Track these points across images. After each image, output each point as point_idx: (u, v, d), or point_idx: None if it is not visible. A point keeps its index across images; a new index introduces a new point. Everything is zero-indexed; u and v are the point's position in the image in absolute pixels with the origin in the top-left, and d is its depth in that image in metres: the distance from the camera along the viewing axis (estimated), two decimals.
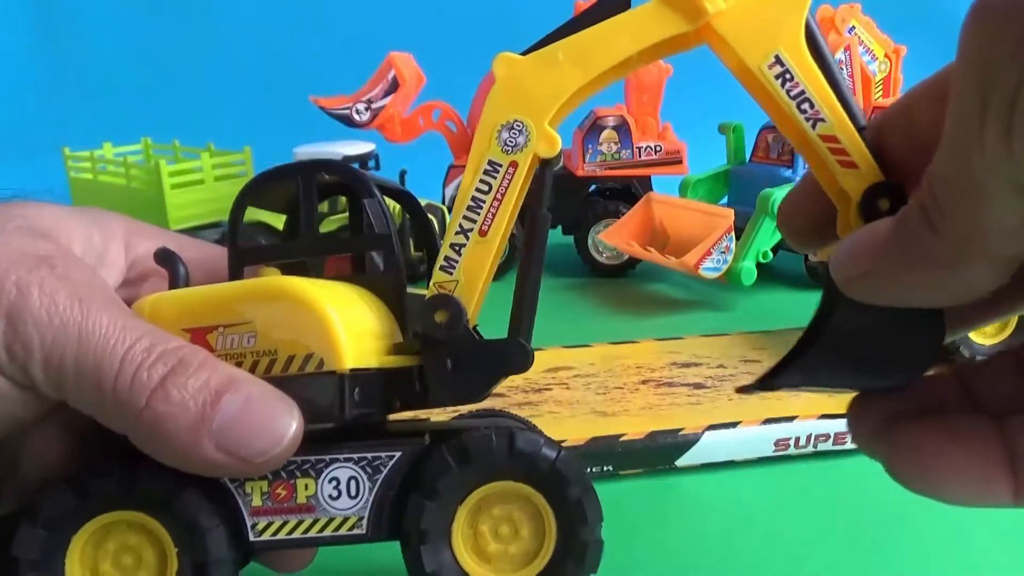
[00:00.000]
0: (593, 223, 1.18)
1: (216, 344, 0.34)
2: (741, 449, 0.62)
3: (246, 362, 0.34)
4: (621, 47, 0.33)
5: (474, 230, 0.35)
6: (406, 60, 1.13)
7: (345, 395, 0.33)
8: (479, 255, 0.35)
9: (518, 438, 0.35)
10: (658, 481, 0.60)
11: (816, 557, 0.51)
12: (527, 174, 0.35)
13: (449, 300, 0.35)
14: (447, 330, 0.35)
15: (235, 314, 0.34)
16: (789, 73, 0.31)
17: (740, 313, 1.02)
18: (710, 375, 0.72)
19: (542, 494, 0.36)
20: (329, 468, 0.35)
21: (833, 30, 1.13)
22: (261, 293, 0.34)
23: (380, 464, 0.35)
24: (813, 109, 0.30)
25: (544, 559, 0.36)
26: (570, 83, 0.33)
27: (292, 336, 0.34)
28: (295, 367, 0.34)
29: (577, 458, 0.36)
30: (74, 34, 1.82)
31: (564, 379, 0.72)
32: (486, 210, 0.35)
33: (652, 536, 0.54)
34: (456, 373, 0.36)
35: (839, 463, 0.63)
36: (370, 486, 0.35)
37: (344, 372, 0.33)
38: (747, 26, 0.31)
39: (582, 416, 0.64)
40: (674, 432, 0.61)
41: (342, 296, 0.36)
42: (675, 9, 0.32)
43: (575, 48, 0.33)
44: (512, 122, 0.34)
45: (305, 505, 0.35)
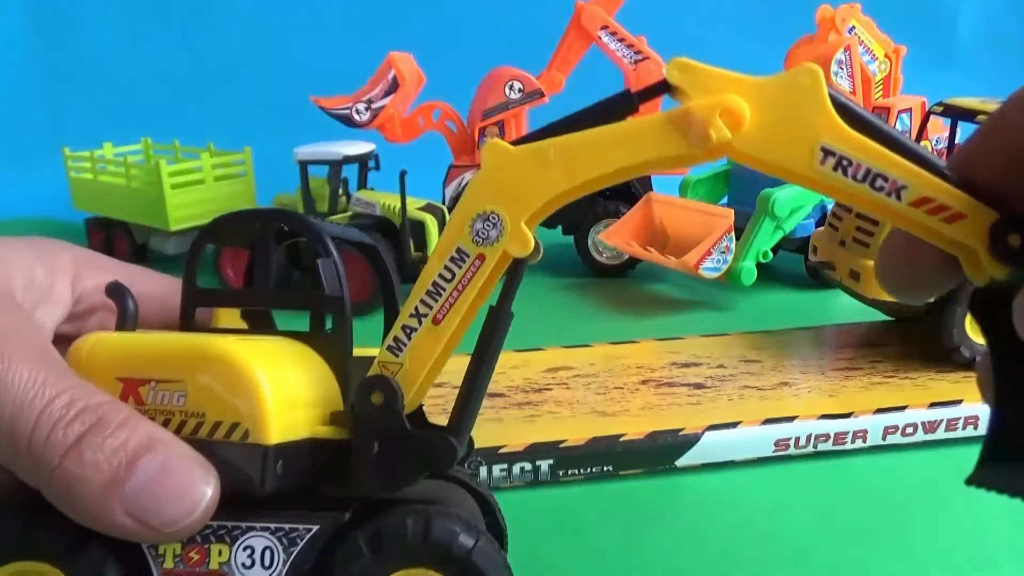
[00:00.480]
0: (593, 223, 1.18)
1: (147, 398, 0.33)
2: (741, 449, 0.62)
3: (174, 420, 0.33)
4: (615, 159, 0.31)
5: (429, 316, 0.34)
6: (406, 60, 1.13)
7: (267, 469, 0.33)
8: (428, 343, 0.34)
9: (434, 525, 0.34)
10: (658, 481, 0.60)
11: (816, 557, 0.51)
12: (493, 270, 0.33)
13: (387, 384, 0.34)
14: (380, 413, 0.34)
15: (169, 370, 0.33)
16: (845, 159, 0.28)
17: (740, 313, 1.01)
18: (710, 375, 0.72)
19: None
20: (245, 536, 0.34)
21: (833, 30, 1.14)
22: (197, 353, 0.33)
23: (297, 536, 0.34)
24: (889, 181, 0.28)
25: None
26: (555, 185, 0.31)
27: (221, 401, 0.33)
28: (220, 433, 0.33)
29: (496, 549, 0.35)
30: (74, 34, 1.82)
31: (564, 379, 0.72)
32: (444, 298, 0.34)
33: (652, 536, 0.54)
34: (380, 458, 0.34)
35: (839, 463, 0.63)
36: (284, 558, 0.34)
37: (268, 446, 0.33)
38: (775, 135, 0.29)
39: (582, 416, 0.64)
40: (674, 432, 0.61)
41: (280, 362, 0.35)
42: (677, 130, 0.29)
43: (567, 150, 0.31)
44: (488, 213, 0.32)
45: (217, 571, 0.34)
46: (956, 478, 0.62)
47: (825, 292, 1.06)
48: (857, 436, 0.64)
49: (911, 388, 0.69)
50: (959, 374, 0.72)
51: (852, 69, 1.11)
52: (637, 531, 0.54)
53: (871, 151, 0.28)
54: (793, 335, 0.83)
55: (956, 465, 0.62)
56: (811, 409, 0.65)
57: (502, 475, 0.58)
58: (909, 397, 0.67)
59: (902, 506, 0.57)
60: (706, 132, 0.29)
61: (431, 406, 0.66)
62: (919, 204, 0.28)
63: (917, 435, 0.65)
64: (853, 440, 0.64)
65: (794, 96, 0.28)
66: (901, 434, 0.64)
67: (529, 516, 0.56)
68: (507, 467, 0.58)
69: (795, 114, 0.28)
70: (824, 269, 0.82)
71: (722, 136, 0.28)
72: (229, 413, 0.33)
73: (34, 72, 1.81)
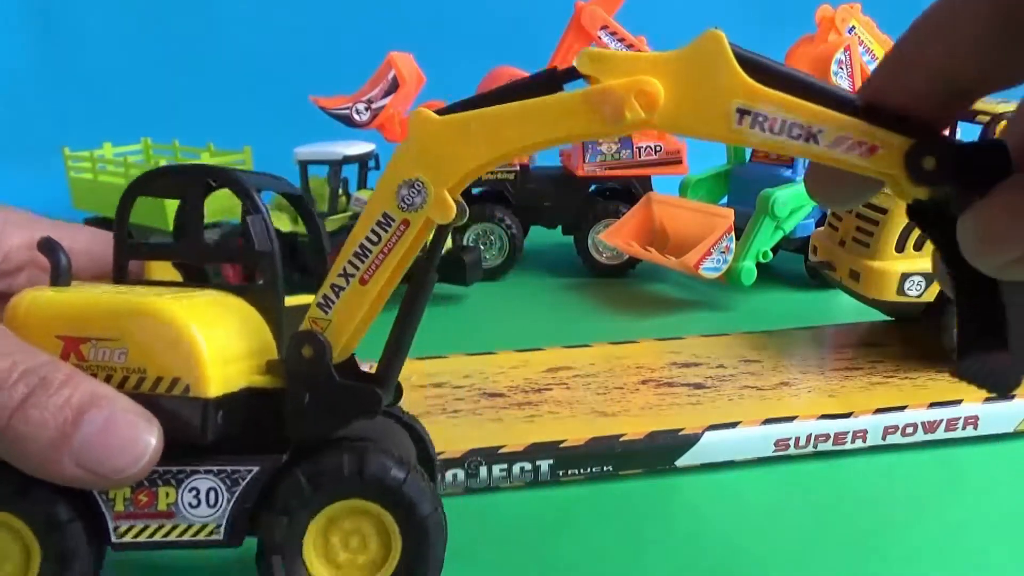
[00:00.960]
0: (593, 223, 1.18)
1: (88, 355, 0.35)
2: (741, 449, 0.62)
3: (116, 376, 0.35)
4: (534, 133, 0.32)
5: (356, 277, 0.36)
6: (406, 60, 1.13)
7: (208, 420, 0.35)
8: (355, 301, 0.36)
9: (368, 461, 0.37)
10: (658, 481, 0.60)
11: (816, 557, 0.51)
12: (417, 235, 0.35)
13: (316, 338, 0.36)
14: (310, 366, 0.36)
15: (109, 329, 0.35)
16: (760, 116, 0.29)
17: (740, 313, 1.02)
18: (710, 375, 0.72)
19: (389, 512, 0.38)
20: (190, 479, 0.37)
21: (833, 30, 1.14)
22: (135, 313, 0.35)
23: (239, 477, 0.37)
24: (805, 129, 0.29)
25: (389, 571, 0.38)
26: (476, 156, 0.33)
27: (161, 358, 0.35)
28: (162, 388, 0.35)
29: (425, 479, 0.38)
30: (74, 34, 1.82)
31: (564, 379, 0.72)
32: (370, 261, 0.35)
33: (652, 536, 0.54)
34: (311, 407, 0.37)
35: (839, 463, 0.63)
36: (228, 497, 0.37)
37: (208, 399, 0.35)
38: (690, 107, 0.30)
39: (582, 416, 0.64)
40: (674, 432, 0.61)
41: (215, 317, 0.37)
42: (594, 110, 0.31)
43: (489, 122, 0.32)
44: (413, 180, 0.34)
45: (165, 512, 0.37)
46: (956, 478, 0.62)
47: (825, 292, 1.06)
48: (857, 436, 0.64)
49: (911, 388, 0.69)
50: None
51: (852, 69, 1.11)
52: (637, 531, 0.54)
53: (783, 103, 0.29)
54: (793, 335, 0.83)
55: (956, 465, 0.63)
56: (811, 409, 0.65)
57: (502, 475, 0.58)
58: (909, 397, 0.67)
59: (902, 506, 0.57)
60: (621, 113, 0.30)
61: (431, 406, 0.67)
62: (837, 144, 0.29)
63: (917, 435, 0.65)
64: (853, 440, 0.64)
65: (702, 64, 0.30)
66: (901, 434, 0.65)
67: (529, 516, 0.56)
68: (507, 467, 0.58)
69: (706, 81, 0.30)
70: (824, 269, 0.82)
71: (636, 116, 0.30)
72: (170, 369, 0.35)
73: (34, 72, 1.81)
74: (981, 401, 0.66)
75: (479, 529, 0.53)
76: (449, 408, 0.66)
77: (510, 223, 1.17)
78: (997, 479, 0.61)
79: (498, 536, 0.43)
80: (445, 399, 0.67)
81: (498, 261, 1.18)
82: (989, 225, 0.25)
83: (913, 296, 0.73)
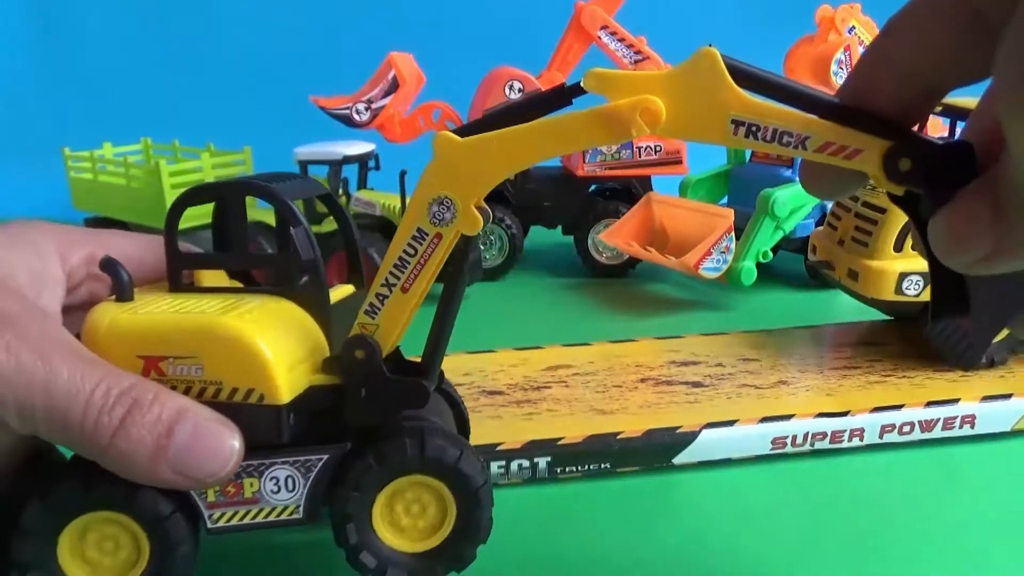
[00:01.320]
0: (593, 223, 1.19)
1: (168, 371, 0.40)
2: (738, 447, 0.63)
3: (195, 388, 0.40)
4: (549, 148, 0.36)
5: (397, 286, 0.40)
6: (406, 60, 1.14)
7: (283, 423, 0.41)
8: (399, 307, 0.41)
9: (428, 444, 0.42)
10: (656, 479, 0.61)
11: (813, 556, 0.52)
12: (449, 245, 0.39)
13: (367, 341, 0.41)
14: (363, 366, 0.41)
15: (184, 347, 0.40)
16: (753, 126, 0.33)
17: (740, 313, 1.02)
18: (708, 373, 0.73)
19: (446, 485, 0.43)
20: (269, 470, 0.42)
21: (833, 30, 1.14)
22: (208, 332, 0.40)
23: (311, 465, 0.43)
24: (794, 136, 0.32)
25: (446, 532, 0.44)
26: (499, 173, 0.37)
27: (235, 372, 0.40)
28: (239, 397, 0.40)
29: (475, 454, 0.44)
30: (74, 34, 1.83)
31: (563, 377, 0.73)
32: (410, 271, 0.40)
33: (649, 533, 0.54)
34: (367, 400, 0.42)
35: (836, 461, 0.64)
36: (303, 482, 0.43)
37: (282, 405, 0.40)
38: (690, 120, 0.33)
39: (580, 414, 0.65)
40: (671, 430, 0.62)
41: (276, 327, 0.41)
42: (603, 127, 0.34)
43: (508, 141, 0.36)
44: (443, 197, 0.38)
45: (251, 499, 0.43)
46: (953, 477, 0.63)
47: (825, 292, 1.07)
48: (854, 434, 0.65)
49: (908, 387, 0.70)
50: (956, 373, 0.72)
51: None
52: (634, 528, 0.55)
53: (774, 113, 0.33)
54: (792, 334, 0.84)
55: (953, 464, 0.63)
56: (808, 408, 0.65)
57: (500, 472, 0.59)
58: (906, 396, 0.68)
59: (899, 505, 0.58)
60: (628, 130, 0.34)
61: None
62: (823, 149, 0.32)
63: (914, 434, 0.66)
64: (850, 439, 0.65)
65: (698, 81, 0.33)
66: (898, 433, 0.65)
67: (527, 513, 0.57)
68: (505, 464, 0.59)
69: (703, 97, 0.33)
70: (823, 268, 0.83)
71: (641, 131, 0.33)
72: (244, 380, 0.40)
73: (34, 72, 1.83)
74: (978, 400, 0.66)
75: None
76: (470, 396, 0.67)
77: (510, 223, 1.18)
78: (994, 478, 0.62)
79: (495, 532, 0.44)
80: (467, 387, 0.68)
81: (498, 261, 1.19)
82: (953, 230, 0.28)
83: (911, 295, 0.73)
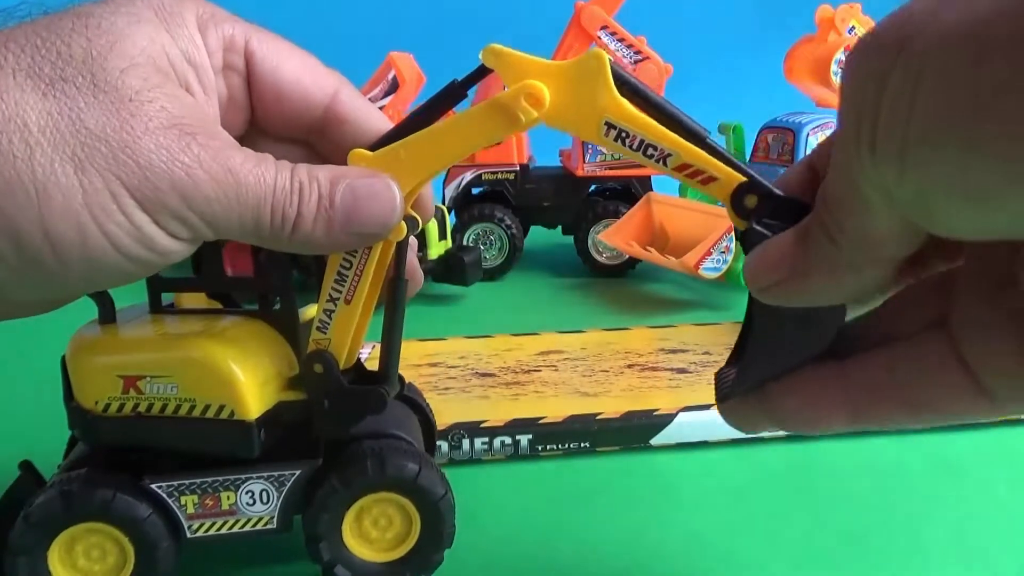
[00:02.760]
0: (593, 223, 1.24)
1: (145, 389, 0.44)
2: (715, 430, 0.67)
3: (171, 405, 0.44)
4: (454, 149, 0.39)
5: (340, 299, 0.43)
6: (406, 60, 1.20)
7: (253, 438, 0.45)
8: (347, 318, 0.44)
9: (387, 463, 0.47)
10: (633, 459, 0.65)
11: (786, 537, 0.56)
12: (381, 253, 0.42)
13: (323, 355, 0.44)
14: (323, 379, 0.45)
15: (160, 368, 0.44)
16: (624, 132, 0.37)
17: (740, 313, 1.03)
18: (694, 361, 0.78)
19: (408, 499, 0.48)
20: (244, 483, 0.47)
21: (833, 30, 1.19)
22: (182, 354, 0.44)
23: (284, 479, 0.47)
24: (658, 151, 0.36)
25: (412, 541, 0.49)
26: (412, 180, 0.40)
27: (207, 390, 0.44)
28: (211, 413, 0.44)
29: (434, 467, 0.49)
30: None
31: (554, 361, 0.78)
32: (349, 283, 0.43)
33: (623, 511, 0.59)
34: (331, 411, 0.46)
35: (811, 447, 0.68)
36: (278, 495, 0.47)
37: (251, 421, 0.44)
38: (569, 112, 0.37)
39: (564, 396, 0.70)
40: (649, 412, 0.67)
41: (247, 347, 0.45)
42: (493, 118, 0.38)
43: (414, 148, 0.39)
44: None
45: (228, 510, 0.47)
46: (929, 465, 0.67)
47: None
48: None
49: None
50: None
51: None
52: (610, 506, 0.59)
53: (645, 126, 0.36)
54: None
55: (930, 453, 0.68)
56: None
57: (483, 448, 0.64)
58: None
59: (870, 489, 0.61)
60: (516, 115, 0.37)
61: (424, 383, 0.73)
62: (681, 169, 0.36)
63: None
64: None
65: (583, 79, 0.36)
66: None
67: (508, 487, 0.62)
68: (488, 440, 0.64)
69: (584, 95, 0.37)
70: None
71: (529, 116, 0.37)
72: (216, 398, 0.44)
73: None
74: None
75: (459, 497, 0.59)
76: (441, 386, 0.72)
77: (510, 223, 1.23)
78: (973, 464, 0.65)
79: (478, 507, 0.50)
80: (438, 377, 0.74)
81: (498, 261, 1.24)
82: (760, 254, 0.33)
83: None
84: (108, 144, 0.33)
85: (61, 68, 0.33)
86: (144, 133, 0.34)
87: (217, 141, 0.36)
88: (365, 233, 0.40)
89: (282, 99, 0.43)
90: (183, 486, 0.46)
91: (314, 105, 0.44)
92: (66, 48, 0.34)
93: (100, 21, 0.35)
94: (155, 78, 0.35)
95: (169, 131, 0.34)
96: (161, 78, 0.36)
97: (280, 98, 0.43)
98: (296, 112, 0.44)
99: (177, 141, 0.34)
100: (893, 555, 0.54)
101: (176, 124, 0.35)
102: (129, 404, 0.44)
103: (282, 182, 0.37)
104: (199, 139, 0.35)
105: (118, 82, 0.34)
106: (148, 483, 0.46)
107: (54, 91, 0.33)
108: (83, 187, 0.33)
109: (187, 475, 0.46)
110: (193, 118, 0.36)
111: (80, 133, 0.33)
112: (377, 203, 0.39)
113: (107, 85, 0.34)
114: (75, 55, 0.34)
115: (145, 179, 0.34)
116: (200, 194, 0.35)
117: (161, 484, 0.46)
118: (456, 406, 0.68)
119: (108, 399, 0.44)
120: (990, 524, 0.57)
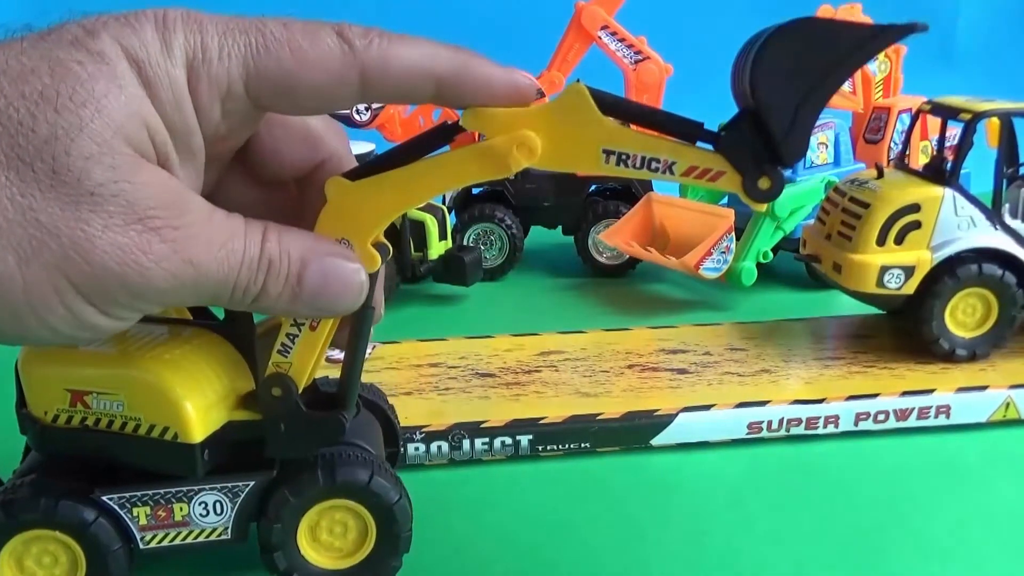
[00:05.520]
0: (593, 223, 1.25)
1: (92, 404, 0.45)
2: (715, 431, 0.69)
3: (116, 422, 0.45)
4: (439, 184, 0.40)
5: (305, 325, 0.43)
6: None
7: (197, 460, 0.45)
8: (309, 344, 0.44)
9: (338, 471, 0.48)
10: (633, 459, 0.67)
11: (785, 537, 0.57)
12: None
13: (283, 379, 0.45)
14: (280, 403, 0.45)
15: (107, 384, 0.45)
16: (623, 155, 0.37)
17: (740, 313, 1.07)
18: (694, 361, 0.79)
19: (361, 505, 0.49)
20: (198, 495, 0.47)
21: None
22: (127, 373, 0.44)
23: (238, 491, 0.48)
24: (662, 162, 0.37)
25: (368, 548, 0.50)
26: (393, 211, 0.41)
27: (152, 411, 0.45)
28: (156, 433, 0.45)
29: (388, 471, 0.50)
30: None
31: (554, 362, 0.79)
32: None
33: (624, 512, 0.60)
34: (287, 435, 0.46)
35: (810, 447, 0.70)
36: (231, 507, 0.48)
37: (195, 443, 0.45)
38: (565, 152, 0.37)
39: (565, 396, 0.72)
40: (649, 413, 0.68)
41: (195, 368, 0.46)
42: (484, 163, 0.38)
43: (399, 181, 0.39)
44: (339, 240, 0.40)
45: (181, 522, 0.48)
46: (926, 465, 0.68)
47: (825, 292, 1.11)
48: (829, 421, 0.70)
49: (888, 377, 0.76)
50: (937, 365, 0.78)
51: None
52: (609, 506, 0.61)
53: (641, 142, 0.37)
54: (783, 326, 0.90)
55: (926, 453, 0.69)
56: (784, 394, 0.71)
57: (484, 448, 0.65)
58: (884, 386, 0.73)
59: (871, 490, 0.63)
60: (507, 163, 0.38)
61: (424, 384, 0.74)
62: (689, 172, 0.37)
63: (889, 422, 0.71)
64: (825, 425, 0.70)
65: (570, 116, 0.37)
66: (873, 421, 0.71)
67: (508, 488, 0.63)
68: (488, 441, 0.65)
69: (575, 131, 0.37)
70: (811, 262, 0.89)
71: (519, 164, 0.37)
72: (160, 419, 0.45)
73: None
74: (954, 391, 0.72)
75: (460, 497, 0.61)
76: (441, 386, 0.74)
77: (510, 223, 1.24)
78: (969, 468, 0.67)
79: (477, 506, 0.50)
80: (439, 378, 0.75)
81: (498, 261, 1.25)
82: None
83: (893, 288, 0.79)
84: (59, 240, 0.32)
85: (22, 147, 0.31)
86: (102, 231, 0.32)
87: (182, 229, 0.34)
88: (328, 312, 0.40)
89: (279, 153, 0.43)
90: (135, 498, 0.47)
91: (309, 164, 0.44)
92: (30, 120, 0.31)
93: (76, 86, 0.32)
94: (125, 166, 0.33)
95: (129, 229, 0.33)
96: (132, 162, 0.33)
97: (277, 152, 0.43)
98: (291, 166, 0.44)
99: (137, 239, 0.33)
100: (893, 555, 0.55)
101: (140, 219, 0.33)
102: (77, 417, 0.45)
103: (250, 256, 0.37)
104: (162, 233, 0.34)
105: (81, 173, 0.32)
106: (99, 495, 0.46)
107: (8, 174, 0.31)
108: (24, 280, 0.32)
109: (139, 487, 0.47)
110: (162, 204, 0.34)
111: (30, 225, 0.31)
112: (345, 289, 0.39)
113: (68, 175, 0.31)
114: (39, 132, 0.31)
115: (94, 278, 0.33)
116: (153, 289, 0.34)
117: (112, 496, 0.46)
118: (456, 406, 0.69)
119: (57, 410, 0.45)
120: (990, 524, 0.58)
